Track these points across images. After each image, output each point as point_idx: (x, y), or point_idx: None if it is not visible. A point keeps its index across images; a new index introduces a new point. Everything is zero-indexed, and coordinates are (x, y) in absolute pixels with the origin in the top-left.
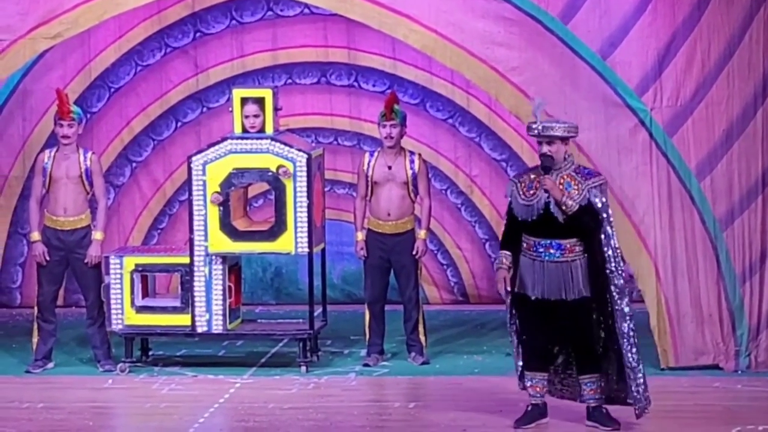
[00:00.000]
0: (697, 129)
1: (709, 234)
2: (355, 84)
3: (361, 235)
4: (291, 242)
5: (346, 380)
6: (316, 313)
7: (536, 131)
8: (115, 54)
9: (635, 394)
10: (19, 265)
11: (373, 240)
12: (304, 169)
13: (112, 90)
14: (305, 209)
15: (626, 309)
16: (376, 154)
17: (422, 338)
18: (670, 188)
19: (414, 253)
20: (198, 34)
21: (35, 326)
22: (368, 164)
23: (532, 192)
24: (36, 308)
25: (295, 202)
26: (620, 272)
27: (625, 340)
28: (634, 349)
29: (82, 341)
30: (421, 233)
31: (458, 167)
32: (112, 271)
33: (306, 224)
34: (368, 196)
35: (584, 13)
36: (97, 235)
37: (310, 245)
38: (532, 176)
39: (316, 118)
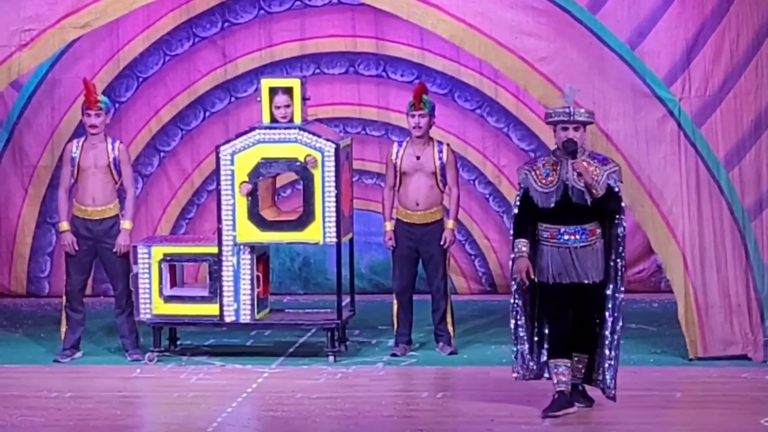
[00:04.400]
0: (725, 119)
1: (737, 224)
2: (384, 74)
3: (389, 225)
4: (319, 232)
5: (374, 370)
6: (344, 303)
7: (568, 116)
8: (144, 44)
9: (609, 379)
10: (48, 254)
11: (401, 230)
12: (333, 158)
13: (141, 80)
14: (333, 199)
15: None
16: (404, 144)
17: (450, 328)
18: (699, 178)
19: (442, 243)
20: (226, 24)
21: (63, 315)
22: (396, 154)
23: (549, 179)
24: (64, 298)
25: (323, 192)
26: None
27: (617, 325)
28: (618, 334)
29: (111, 330)
30: (450, 223)
31: (486, 157)
32: (140, 261)
33: (334, 214)
34: (397, 186)
35: (613, 3)
36: (125, 224)
37: (338, 235)
38: (545, 164)
39: (345, 108)
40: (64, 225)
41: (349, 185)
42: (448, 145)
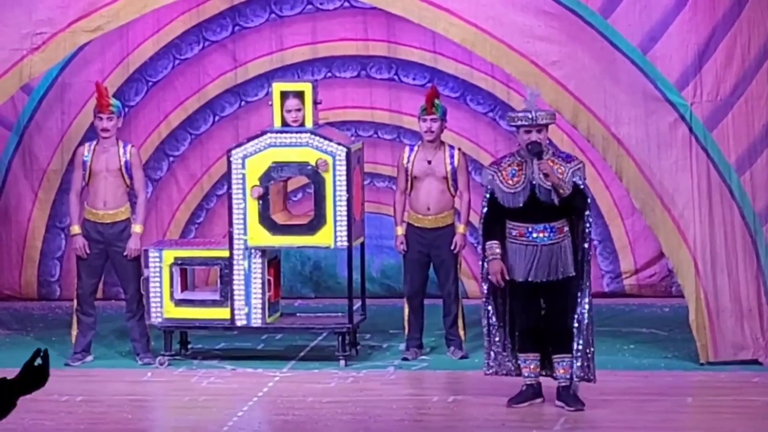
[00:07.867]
0: (736, 124)
1: (748, 228)
2: (396, 77)
3: (401, 230)
4: (330, 236)
5: (385, 374)
6: (355, 307)
7: (531, 120)
8: (154, 47)
9: (578, 372)
10: (57, 258)
11: (412, 234)
12: (344, 162)
13: (150, 84)
14: (344, 203)
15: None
16: (416, 148)
17: (461, 332)
18: (710, 183)
19: (453, 247)
20: (237, 28)
21: (74, 319)
22: (408, 158)
23: (516, 179)
24: (75, 301)
25: (334, 196)
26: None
27: (589, 317)
28: (591, 327)
29: (121, 334)
30: (461, 227)
31: None
32: (151, 264)
33: (345, 218)
34: (408, 190)
35: (624, 7)
36: (136, 228)
37: (350, 239)
38: (511, 164)
39: (356, 112)
40: (76, 228)
41: (360, 189)
42: (459, 149)
